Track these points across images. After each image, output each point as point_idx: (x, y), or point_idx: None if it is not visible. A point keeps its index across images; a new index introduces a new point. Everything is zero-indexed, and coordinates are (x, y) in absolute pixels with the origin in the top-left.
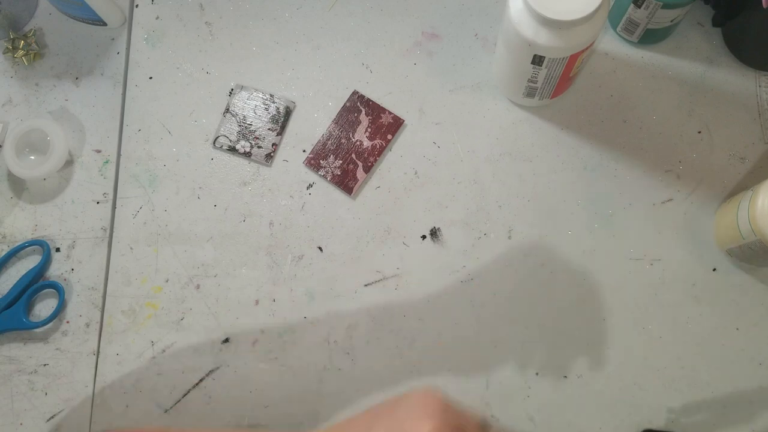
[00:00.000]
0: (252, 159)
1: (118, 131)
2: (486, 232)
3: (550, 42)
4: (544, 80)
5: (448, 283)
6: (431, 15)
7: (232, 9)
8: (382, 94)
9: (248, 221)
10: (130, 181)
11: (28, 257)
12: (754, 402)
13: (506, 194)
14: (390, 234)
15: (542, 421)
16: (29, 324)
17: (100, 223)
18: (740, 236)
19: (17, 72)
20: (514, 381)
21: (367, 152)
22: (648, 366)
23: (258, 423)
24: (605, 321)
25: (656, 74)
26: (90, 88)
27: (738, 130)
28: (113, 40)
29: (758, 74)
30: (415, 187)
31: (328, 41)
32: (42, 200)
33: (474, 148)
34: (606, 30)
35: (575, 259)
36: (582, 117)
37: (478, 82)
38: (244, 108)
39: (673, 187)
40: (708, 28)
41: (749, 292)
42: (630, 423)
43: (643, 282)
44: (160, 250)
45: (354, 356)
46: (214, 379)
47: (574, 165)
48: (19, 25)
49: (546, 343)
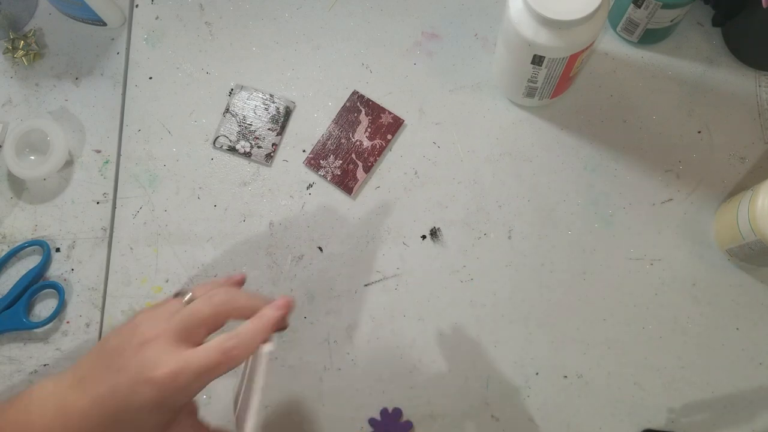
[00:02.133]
0: (252, 159)
1: (118, 131)
2: (486, 232)
3: (550, 42)
4: (544, 80)
5: (448, 283)
6: (431, 15)
7: (232, 9)
8: (382, 94)
9: (248, 221)
10: (130, 181)
11: (28, 257)
12: (754, 402)
13: (506, 194)
14: (390, 234)
15: (542, 421)
16: (29, 324)
17: (100, 223)
18: (740, 236)
19: (17, 72)
20: (514, 381)
21: (367, 152)
22: (648, 366)
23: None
24: (605, 321)
25: (656, 74)
26: (90, 88)
27: (738, 130)
28: (113, 40)
29: (758, 74)
30: (415, 187)
31: (328, 41)
32: (42, 200)
33: (474, 148)
34: (606, 30)
35: (575, 259)
36: (582, 117)
37: (478, 82)
38: (244, 108)
39: (673, 187)
40: (708, 28)
41: (749, 292)
42: (630, 423)
43: (643, 282)
44: (160, 250)
45: (354, 356)
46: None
47: (574, 165)
48: (19, 26)
49: (546, 343)
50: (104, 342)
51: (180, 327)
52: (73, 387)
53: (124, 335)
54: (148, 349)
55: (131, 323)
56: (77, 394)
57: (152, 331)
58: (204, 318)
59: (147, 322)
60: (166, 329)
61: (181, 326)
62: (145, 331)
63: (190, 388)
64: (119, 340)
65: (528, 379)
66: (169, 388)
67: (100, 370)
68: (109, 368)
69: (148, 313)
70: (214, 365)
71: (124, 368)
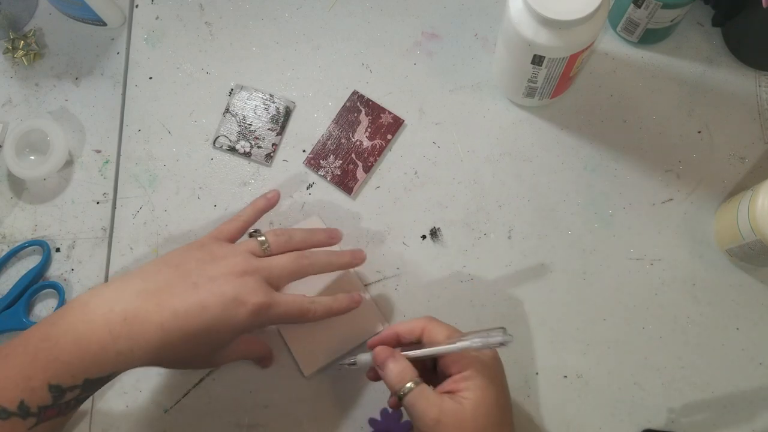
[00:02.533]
0: (252, 159)
1: (118, 131)
2: (486, 232)
3: (550, 42)
4: (544, 80)
5: (448, 283)
6: (431, 15)
7: (232, 9)
8: (382, 94)
9: None
10: (130, 181)
11: (28, 257)
12: (754, 402)
13: (506, 194)
14: (390, 234)
15: (542, 421)
16: (29, 324)
17: (100, 223)
18: (740, 236)
19: (17, 72)
20: (514, 380)
21: (367, 152)
22: (648, 366)
23: (258, 423)
24: (605, 321)
25: (656, 74)
26: (90, 88)
27: (738, 130)
28: (113, 40)
29: (758, 74)
30: (415, 187)
31: (328, 41)
32: (42, 200)
33: (474, 148)
34: (606, 30)
35: (575, 259)
36: (582, 117)
37: (478, 82)
38: (244, 108)
39: (673, 187)
40: (708, 28)
41: (749, 292)
42: (630, 423)
43: (643, 282)
44: (160, 251)
45: (354, 356)
46: (214, 379)
47: (574, 165)
48: (19, 25)
49: (546, 343)
50: (176, 261)
51: (269, 273)
52: (143, 298)
53: (203, 259)
54: (247, 279)
55: (206, 250)
56: (151, 306)
57: (242, 266)
58: (290, 273)
59: (231, 257)
60: (258, 269)
61: (271, 273)
62: (235, 264)
63: (270, 321)
64: (198, 264)
65: (528, 379)
66: (259, 314)
67: (182, 288)
68: (195, 286)
69: (227, 247)
70: (294, 314)
71: (217, 290)
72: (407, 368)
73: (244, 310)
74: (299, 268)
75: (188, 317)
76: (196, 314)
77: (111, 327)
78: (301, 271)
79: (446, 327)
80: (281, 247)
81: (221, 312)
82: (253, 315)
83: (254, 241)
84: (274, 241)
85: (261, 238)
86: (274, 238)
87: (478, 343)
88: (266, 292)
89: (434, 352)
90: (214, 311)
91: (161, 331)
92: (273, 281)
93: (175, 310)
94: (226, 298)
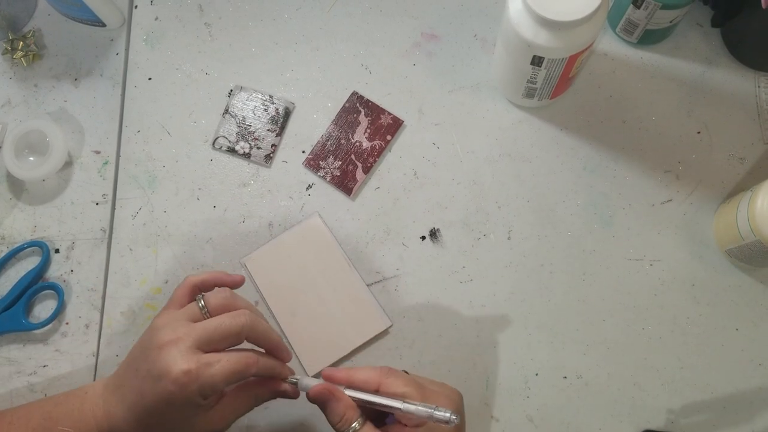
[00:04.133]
0: (251, 160)
1: (118, 132)
2: (485, 233)
3: (549, 43)
4: (543, 81)
5: (447, 283)
6: (430, 16)
7: (232, 10)
8: (382, 95)
9: (248, 222)
10: (129, 182)
11: (27, 258)
12: (754, 402)
13: (506, 195)
14: (389, 234)
15: (542, 421)
16: (29, 325)
17: (100, 224)
18: (740, 237)
19: (16, 73)
20: (514, 381)
21: (367, 153)
22: (647, 366)
23: (257, 423)
24: (605, 321)
25: (655, 75)
26: (89, 89)
27: (737, 131)
28: (112, 41)
29: (757, 75)
30: (414, 188)
31: (327, 42)
32: (41, 201)
33: (473, 148)
34: (605, 30)
35: (575, 259)
36: (581, 117)
37: (478, 83)
38: (244, 109)
39: (673, 188)
40: (707, 28)
41: (749, 293)
42: (630, 423)
43: (643, 282)
44: (160, 252)
45: (354, 356)
46: None
47: (574, 165)
48: (18, 26)
49: (546, 344)
50: (133, 349)
51: (204, 337)
52: (114, 393)
53: (145, 341)
54: (168, 350)
55: (151, 329)
56: (117, 401)
57: (172, 335)
58: (229, 334)
59: (167, 327)
60: (188, 334)
61: (206, 336)
62: (165, 335)
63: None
64: (142, 347)
65: (528, 379)
66: (187, 383)
67: (130, 377)
68: (136, 374)
69: (167, 317)
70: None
71: (148, 371)
72: (350, 408)
73: (168, 381)
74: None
75: (137, 409)
76: (140, 404)
77: (98, 421)
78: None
79: (403, 382)
80: (219, 307)
81: (153, 392)
82: (180, 385)
83: (193, 305)
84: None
85: (200, 303)
86: (211, 297)
87: (423, 413)
88: (189, 357)
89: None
90: (150, 393)
91: (126, 424)
92: (211, 346)
93: (129, 404)
94: (153, 375)
